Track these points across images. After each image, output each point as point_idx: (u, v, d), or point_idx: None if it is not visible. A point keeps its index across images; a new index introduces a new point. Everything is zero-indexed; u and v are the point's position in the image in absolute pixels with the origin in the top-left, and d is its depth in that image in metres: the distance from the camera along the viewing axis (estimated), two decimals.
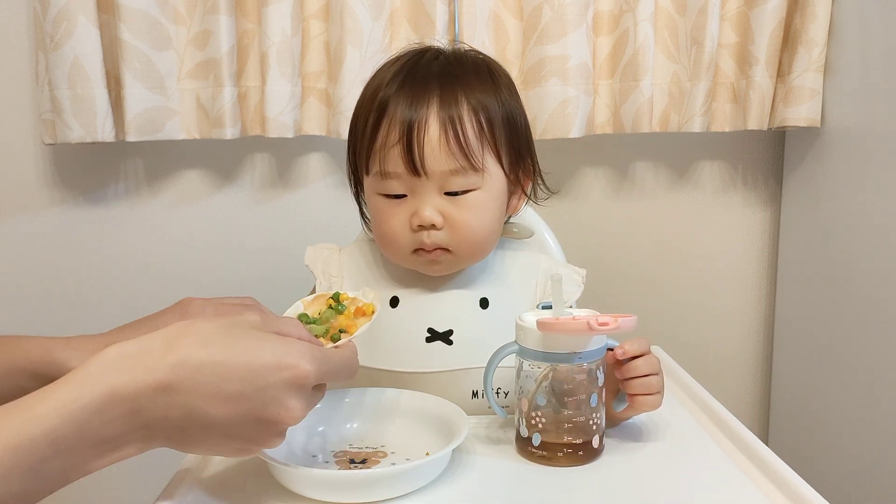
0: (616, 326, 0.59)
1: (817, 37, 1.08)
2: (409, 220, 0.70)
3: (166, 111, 1.10)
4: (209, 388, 0.49)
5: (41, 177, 1.19)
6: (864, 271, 1.01)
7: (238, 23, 1.10)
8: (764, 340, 1.30)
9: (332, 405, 0.70)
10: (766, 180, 1.25)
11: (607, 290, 1.25)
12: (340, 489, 0.57)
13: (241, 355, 0.50)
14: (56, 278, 1.21)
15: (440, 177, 0.69)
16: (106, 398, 0.47)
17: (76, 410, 0.46)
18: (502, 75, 0.76)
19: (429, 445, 0.64)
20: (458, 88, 0.70)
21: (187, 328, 0.51)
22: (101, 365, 0.48)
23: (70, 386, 0.47)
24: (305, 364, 0.51)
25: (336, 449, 0.66)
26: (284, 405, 0.50)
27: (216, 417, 0.49)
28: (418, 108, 0.68)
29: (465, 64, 0.73)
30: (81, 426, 0.46)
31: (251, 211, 1.22)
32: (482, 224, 0.71)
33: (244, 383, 0.49)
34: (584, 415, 0.63)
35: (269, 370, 0.50)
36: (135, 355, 0.49)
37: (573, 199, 1.24)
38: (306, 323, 0.63)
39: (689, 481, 0.61)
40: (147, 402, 0.48)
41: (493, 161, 0.71)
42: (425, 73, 0.71)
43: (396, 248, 0.72)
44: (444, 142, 0.68)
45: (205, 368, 0.49)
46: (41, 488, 0.47)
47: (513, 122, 0.73)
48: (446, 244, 0.70)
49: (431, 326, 0.73)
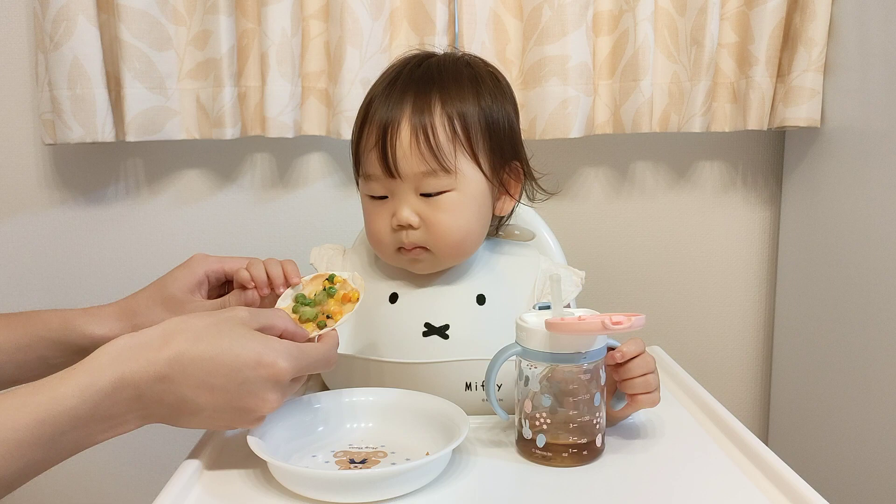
0: (630, 325, 0.59)
1: (817, 37, 1.08)
2: (390, 221, 0.74)
3: (166, 111, 1.10)
4: (198, 381, 0.57)
5: (41, 177, 1.19)
6: (864, 271, 1.01)
7: (238, 23, 1.10)
8: (764, 340, 1.30)
9: (333, 405, 0.70)
10: (765, 180, 1.25)
11: (607, 290, 1.25)
12: (340, 489, 0.57)
13: (225, 353, 0.57)
14: (56, 278, 1.21)
15: (413, 178, 0.72)
16: (116, 383, 0.56)
17: (93, 393, 0.55)
18: (487, 81, 0.77)
19: (429, 446, 0.64)
20: (434, 93, 0.73)
21: (182, 324, 0.59)
22: (111, 355, 0.57)
23: (87, 371, 0.56)
24: (282, 362, 0.58)
25: (336, 449, 0.66)
26: (262, 397, 0.58)
27: (203, 405, 0.58)
28: (393, 113, 0.72)
29: (447, 69, 0.76)
30: (95, 406, 0.55)
31: (251, 211, 1.22)
32: (458, 224, 0.73)
33: (227, 378, 0.57)
34: (588, 414, 0.63)
35: (250, 367, 0.58)
36: (138, 347, 0.57)
37: (573, 199, 1.24)
38: (302, 304, 0.69)
39: (689, 481, 0.61)
40: (147, 388, 0.56)
41: (469, 163, 0.74)
42: (406, 79, 0.75)
43: (382, 247, 0.77)
44: (414, 144, 0.71)
45: (195, 363, 0.57)
46: (56, 457, 0.55)
47: (494, 126, 0.75)
48: (424, 243, 0.74)
49: (428, 321, 0.75)
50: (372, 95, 0.76)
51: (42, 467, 0.55)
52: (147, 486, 0.75)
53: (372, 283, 0.78)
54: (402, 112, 0.72)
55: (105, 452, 1.24)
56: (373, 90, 0.77)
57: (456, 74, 0.75)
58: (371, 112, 0.74)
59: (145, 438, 1.23)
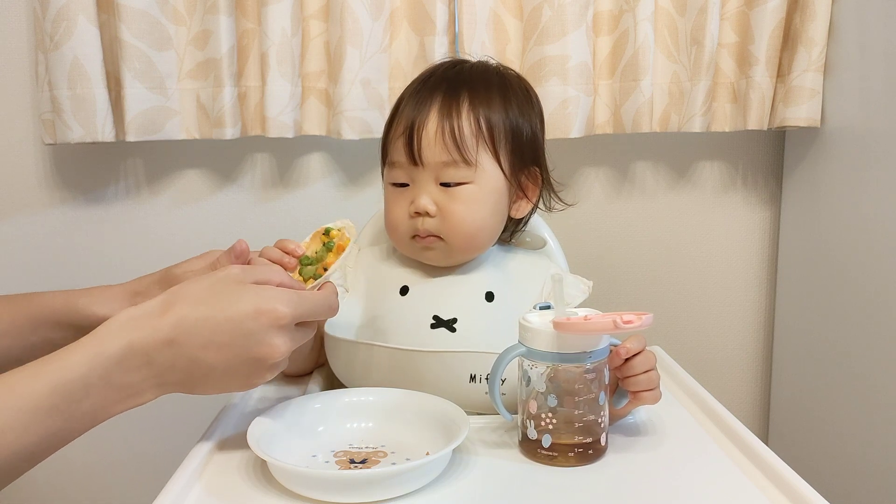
0: (640, 324, 0.59)
1: (817, 37, 1.08)
2: (408, 208, 0.77)
3: (166, 111, 1.10)
4: (203, 340, 0.58)
5: (41, 177, 1.19)
6: (864, 271, 1.01)
7: (238, 23, 1.10)
8: (764, 340, 1.30)
9: (333, 405, 0.70)
10: (766, 180, 1.25)
11: (607, 290, 1.25)
12: (340, 489, 0.57)
13: (225, 310, 0.59)
14: (56, 278, 1.21)
15: (435, 167, 0.75)
16: (125, 350, 0.57)
17: (103, 360, 0.56)
18: (518, 91, 0.81)
19: (429, 445, 0.64)
20: (463, 92, 0.77)
21: (180, 291, 0.61)
22: (118, 324, 0.58)
23: (95, 340, 0.57)
24: (281, 307, 0.59)
25: (336, 448, 0.66)
26: (269, 344, 0.59)
27: (214, 363, 0.59)
28: (422, 106, 0.77)
29: (479, 74, 0.80)
30: (107, 372, 0.56)
31: (251, 211, 1.22)
32: (473, 216, 0.76)
33: (231, 333, 0.58)
34: (593, 414, 0.63)
35: (250, 318, 0.58)
36: (141, 317, 0.59)
37: (573, 199, 1.24)
38: (306, 265, 0.71)
39: (690, 481, 0.61)
40: (157, 354, 0.58)
41: (489, 159, 0.77)
42: (439, 79, 0.79)
43: (398, 235, 0.79)
44: (439, 134, 0.75)
45: (198, 324, 0.58)
46: (75, 427, 0.56)
47: (518, 130, 0.79)
48: (438, 232, 0.77)
49: (437, 314, 0.77)
50: (404, 94, 0.80)
51: (62, 438, 0.56)
52: (147, 486, 0.75)
53: (384, 275, 0.82)
54: (431, 107, 0.76)
55: (106, 451, 1.25)
56: (406, 90, 0.81)
57: (486, 80, 0.80)
58: (402, 107, 0.79)
59: (145, 437, 1.24)
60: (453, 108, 0.76)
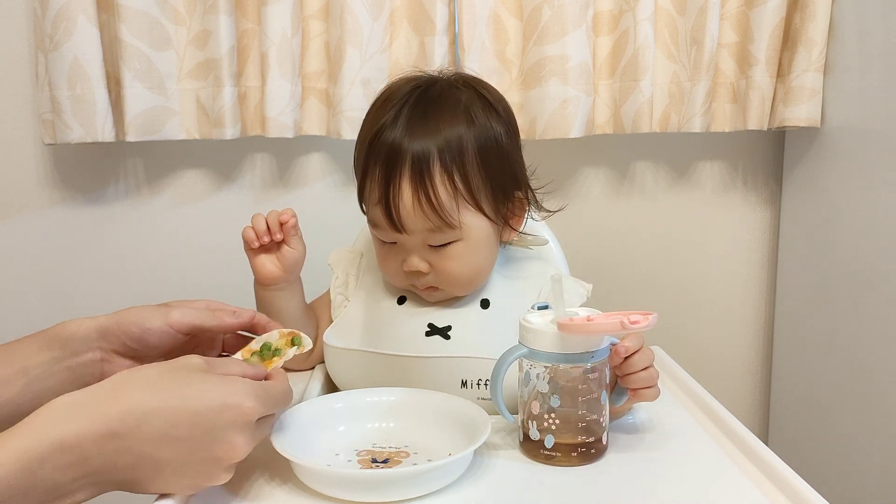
0: (647, 324, 0.59)
1: (817, 37, 1.08)
2: (401, 265, 0.76)
3: (166, 111, 1.10)
4: (157, 433, 0.51)
5: (41, 177, 1.19)
6: (864, 271, 1.01)
7: (238, 23, 1.10)
8: (764, 340, 1.30)
9: (354, 405, 0.71)
10: (766, 180, 1.25)
11: (607, 290, 1.25)
12: (363, 488, 0.57)
13: (187, 399, 0.52)
14: (56, 278, 1.21)
15: (420, 233, 0.73)
16: (54, 448, 0.49)
17: (29, 460, 0.48)
18: (479, 111, 0.74)
19: (450, 446, 0.64)
20: (430, 148, 0.71)
21: (133, 375, 0.54)
22: (50, 415, 0.50)
23: (22, 435, 0.49)
24: (249, 402, 0.54)
25: (359, 448, 0.66)
26: (230, 443, 0.53)
27: (165, 460, 0.52)
28: (392, 170, 0.71)
29: (444, 105, 0.73)
30: (33, 474, 0.48)
31: (251, 211, 1.21)
32: (467, 268, 0.76)
33: (192, 427, 0.52)
34: (595, 413, 0.63)
35: (215, 412, 0.53)
36: (82, 405, 0.51)
37: (573, 200, 1.24)
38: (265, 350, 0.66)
39: (690, 481, 0.61)
40: (94, 449, 0.50)
41: (473, 214, 0.74)
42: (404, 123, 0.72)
43: (394, 281, 0.80)
44: (416, 205, 0.71)
45: (152, 415, 0.51)
46: None
47: (493, 163, 0.73)
48: (435, 283, 0.76)
49: (432, 322, 0.77)
50: (368, 134, 0.74)
51: None
52: None
53: (383, 286, 0.82)
54: (402, 166, 0.71)
55: None
56: (370, 124, 0.75)
57: (452, 116, 0.73)
58: (371, 157, 0.73)
59: None
60: (424, 172, 0.70)
